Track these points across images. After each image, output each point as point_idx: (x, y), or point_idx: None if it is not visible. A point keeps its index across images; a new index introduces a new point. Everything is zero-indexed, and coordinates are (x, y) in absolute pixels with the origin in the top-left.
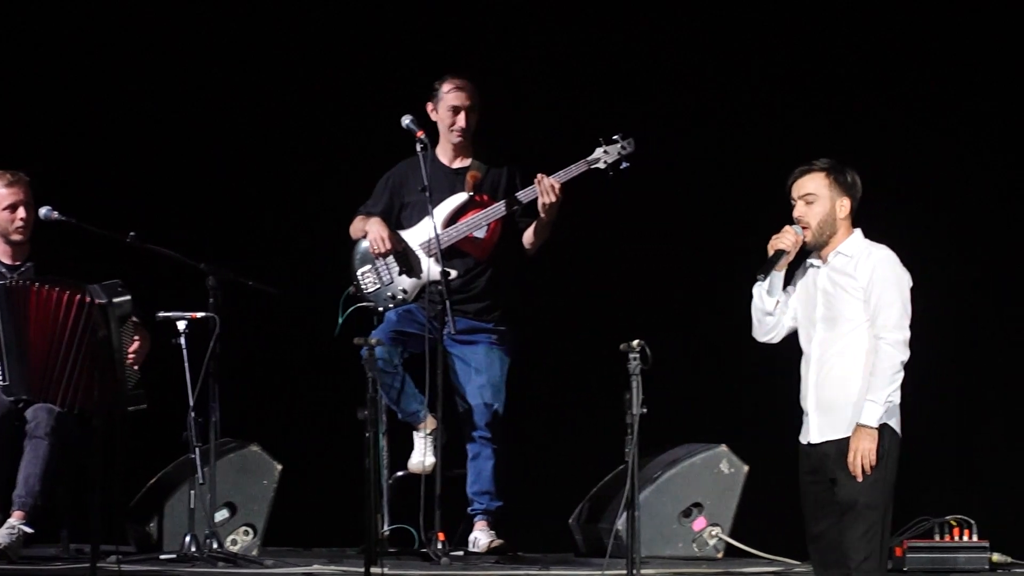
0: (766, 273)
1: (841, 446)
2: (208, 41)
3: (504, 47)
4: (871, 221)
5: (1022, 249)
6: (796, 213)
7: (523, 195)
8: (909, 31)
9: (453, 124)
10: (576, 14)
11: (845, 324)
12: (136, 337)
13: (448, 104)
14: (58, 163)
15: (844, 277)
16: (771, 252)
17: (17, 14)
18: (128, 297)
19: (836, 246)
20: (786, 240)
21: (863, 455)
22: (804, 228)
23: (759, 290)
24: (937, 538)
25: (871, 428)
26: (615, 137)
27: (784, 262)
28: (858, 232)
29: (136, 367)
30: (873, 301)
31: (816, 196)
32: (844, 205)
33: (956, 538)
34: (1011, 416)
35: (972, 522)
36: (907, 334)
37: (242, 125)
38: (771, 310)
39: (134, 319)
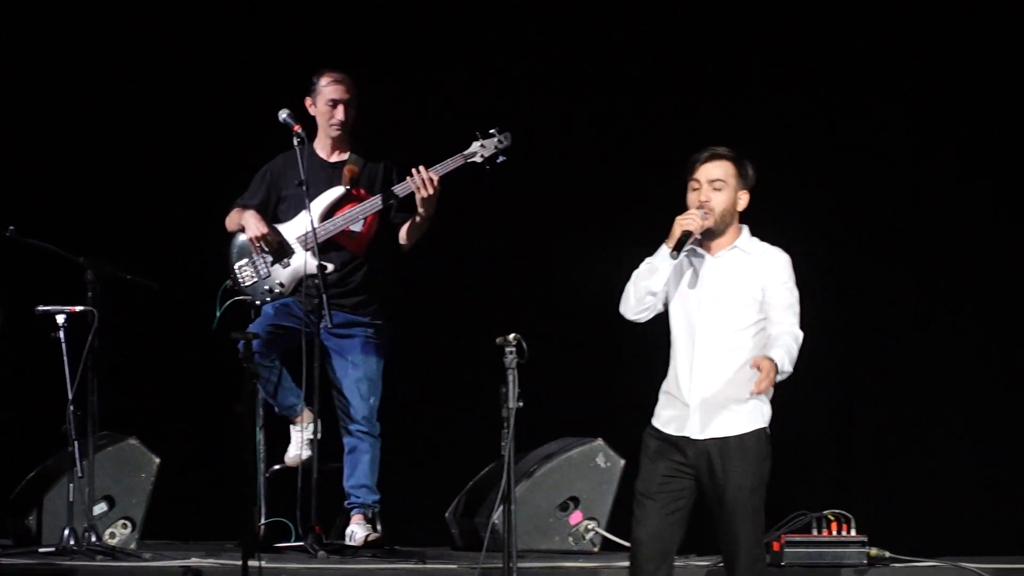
0: (680, 251)
1: (728, 443)
2: (86, 34)
3: (380, 41)
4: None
5: (898, 247)
6: (702, 197)
7: (400, 189)
8: (803, 28)
9: (332, 117)
10: (452, 7)
11: (738, 322)
12: None
13: (326, 98)
14: None
15: (741, 274)
16: (678, 232)
17: None
18: None
19: (732, 240)
20: (694, 222)
21: (770, 379)
22: (707, 213)
23: (663, 266)
24: (815, 533)
25: (776, 363)
26: (491, 131)
27: (688, 243)
28: (746, 229)
29: None
30: (775, 303)
31: (724, 184)
32: (743, 198)
33: (834, 533)
34: (890, 412)
35: (850, 517)
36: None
37: (120, 119)
38: (658, 290)
39: None
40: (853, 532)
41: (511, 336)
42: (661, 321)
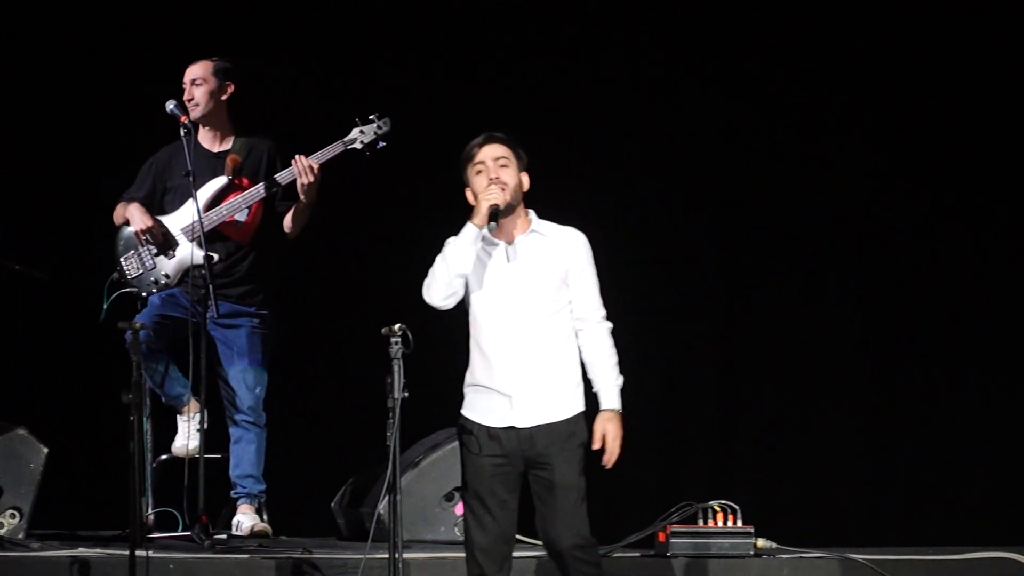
0: (497, 223)
1: (553, 429)
2: None
3: (261, 29)
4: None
5: (777, 235)
6: (492, 175)
7: (282, 177)
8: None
9: (185, 99)
10: None
11: (550, 306)
12: None
13: (184, 81)
14: None
15: (545, 258)
16: (485, 207)
17: None
18: None
19: (527, 225)
20: (498, 195)
21: (619, 440)
22: (503, 188)
23: (472, 246)
24: (701, 523)
25: (620, 412)
26: (371, 117)
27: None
28: (533, 212)
29: None
30: (579, 284)
31: (508, 161)
32: (524, 181)
33: (720, 524)
34: (775, 403)
35: (737, 508)
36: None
37: (6, 110)
38: (468, 271)
39: None
40: (739, 523)
41: (396, 326)
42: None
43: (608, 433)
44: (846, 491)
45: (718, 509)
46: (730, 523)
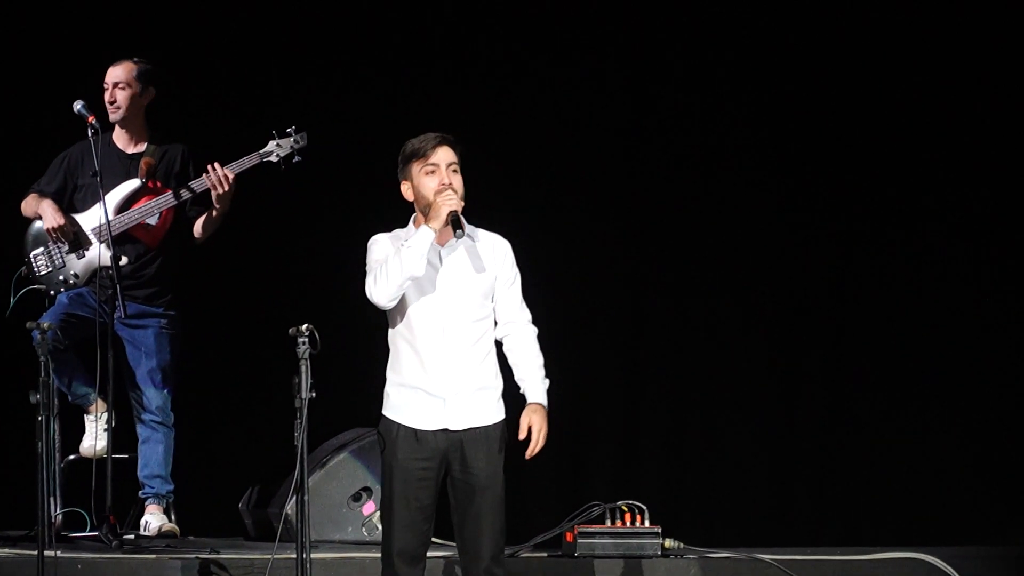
0: (462, 229)
1: (481, 433)
2: None
3: (182, 33)
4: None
5: (685, 238)
6: (444, 180)
7: (196, 184)
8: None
9: (106, 101)
10: (250, 3)
11: (479, 310)
12: None
13: (105, 82)
14: None
15: (476, 263)
16: (445, 213)
17: None
18: None
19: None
20: (455, 201)
21: (544, 432)
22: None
23: (424, 250)
24: (608, 524)
25: (545, 408)
26: (288, 131)
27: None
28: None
29: None
30: (507, 289)
31: (457, 168)
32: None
33: (628, 524)
34: (681, 403)
35: (644, 508)
36: None
37: None
38: (420, 275)
39: None
40: (647, 523)
41: (304, 326)
42: None
43: (534, 424)
44: (753, 491)
45: (625, 509)
46: (638, 523)
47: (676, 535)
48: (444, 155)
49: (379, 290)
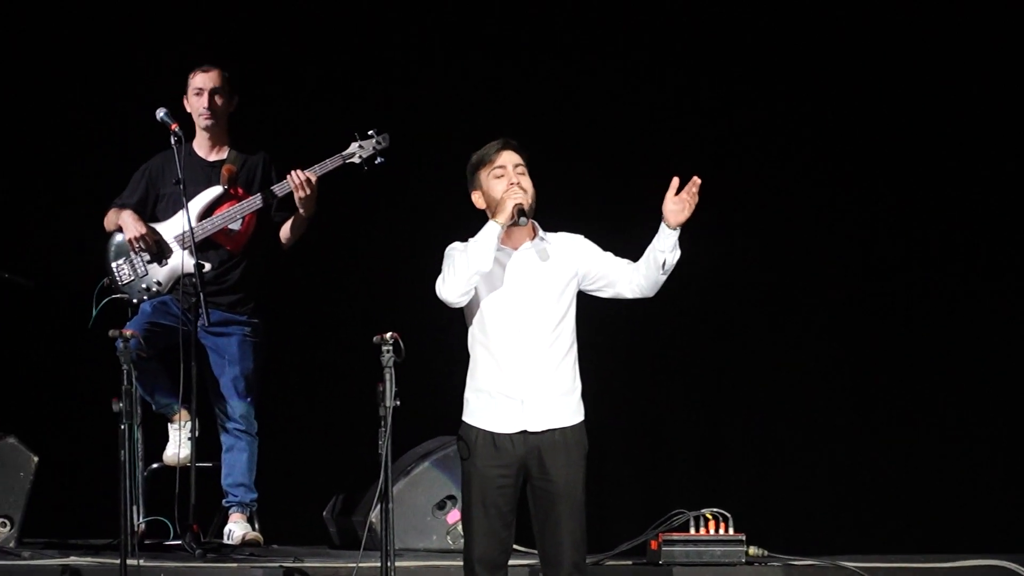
0: (527, 217)
1: (565, 435)
2: None
3: (263, 38)
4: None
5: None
6: (512, 181)
7: (278, 188)
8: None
9: (198, 107)
10: (330, 7)
11: (559, 312)
12: None
13: (194, 88)
14: None
15: (554, 265)
16: (510, 206)
17: None
18: None
19: (534, 233)
20: (522, 196)
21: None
22: (524, 192)
23: (492, 243)
24: (693, 531)
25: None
26: (370, 132)
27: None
28: (535, 222)
29: None
30: (602, 258)
31: (525, 170)
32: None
33: (712, 531)
34: (766, 411)
35: (728, 515)
36: None
37: None
38: (487, 269)
39: None
40: (731, 531)
41: (388, 335)
42: None
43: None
44: (837, 499)
45: (710, 517)
46: (721, 531)
47: (760, 543)
48: (509, 157)
49: (447, 286)
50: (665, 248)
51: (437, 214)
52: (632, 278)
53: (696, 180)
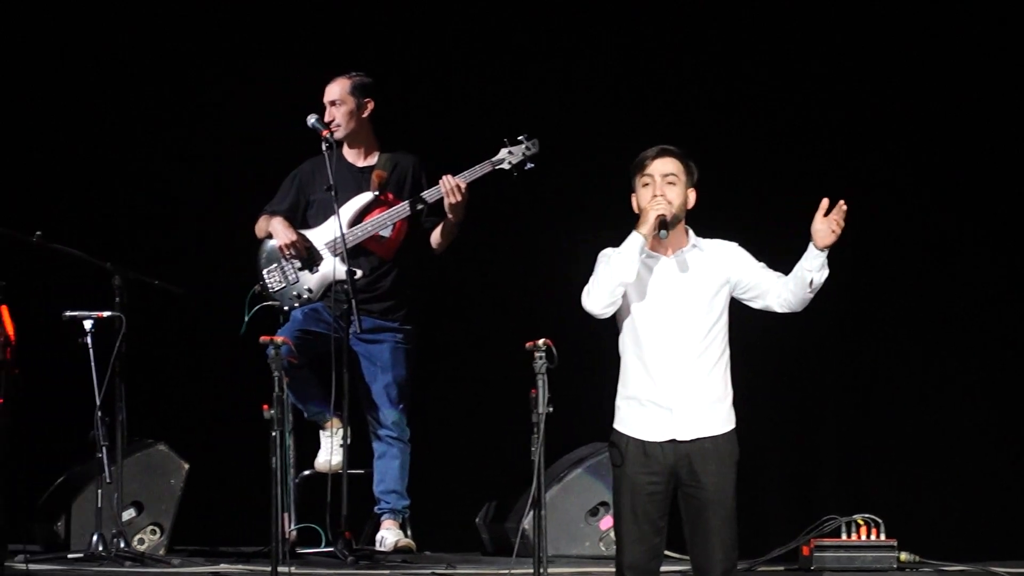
0: (667, 231)
1: (715, 443)
2: (120, 39)
3: (410, 46)
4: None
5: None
6: (657, 191)
7: (428, 195)
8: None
9: (328, 118)
10: (480, 14)
11: (710, 319)
12: None
13: (324, 101)
14: None
15: (705, 272)
16: (653, 217)
17: None
18: None
19: (686, 240)
20: (665, 207)
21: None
22: (668, 204)
23: (635, 254)
24: (844, 537)
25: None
26: (520, 138)
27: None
28: (690, 229)
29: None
30: (755, 270)
31: (676, 179)
32: (691, 197)
33: (864, 537)
34: (920, 415)
35: (880, 521)
36: None
37: (147, 124)
38: (631, 280)
39: None
40: (883, 536)
41: (541, 341)
42: None
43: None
44: (989, 504)
45: (861, 523)
46: (873, 536)
47: (911, 548)
48: (660, 166)
49: (591, 298)
50: (812, 268)
51: (590, 217)
52: (780, 292)
53: (843, 204)
